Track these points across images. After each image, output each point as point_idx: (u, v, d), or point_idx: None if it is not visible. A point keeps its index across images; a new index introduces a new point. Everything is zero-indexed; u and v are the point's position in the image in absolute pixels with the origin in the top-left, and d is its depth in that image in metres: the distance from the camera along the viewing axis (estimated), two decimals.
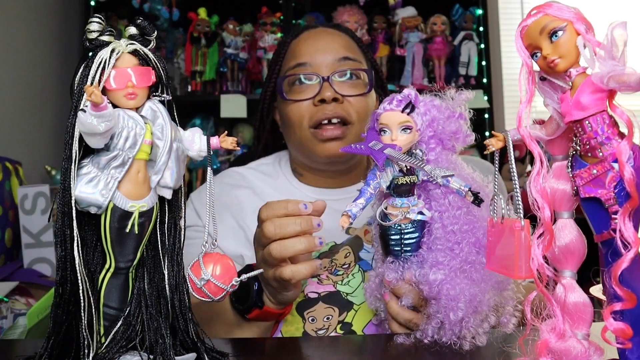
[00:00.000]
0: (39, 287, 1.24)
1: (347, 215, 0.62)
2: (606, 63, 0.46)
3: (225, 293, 0.57)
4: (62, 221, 0.54)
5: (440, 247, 0.66)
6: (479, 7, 2.48)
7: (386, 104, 0.67)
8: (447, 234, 0.66)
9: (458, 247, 0.66)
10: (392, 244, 0.68)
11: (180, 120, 0.60)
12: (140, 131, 0.55)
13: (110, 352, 0.54)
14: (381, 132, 0.66)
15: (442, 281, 0.64)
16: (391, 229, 0.67)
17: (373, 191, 0.65)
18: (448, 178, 0.64)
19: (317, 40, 1.03)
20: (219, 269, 0.56)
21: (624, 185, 0.46)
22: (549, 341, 0.50)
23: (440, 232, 0.66)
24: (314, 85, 1.00)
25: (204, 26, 2.37)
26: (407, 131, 0.65)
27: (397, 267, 0.69)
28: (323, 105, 0.98)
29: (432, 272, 0.65)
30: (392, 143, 0.64)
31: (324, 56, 1.00)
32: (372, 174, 0.66)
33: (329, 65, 1.00)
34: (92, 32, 0.54)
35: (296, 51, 1.03)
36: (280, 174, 1.12)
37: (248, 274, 0.61)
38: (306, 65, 1.00)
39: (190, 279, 0.57)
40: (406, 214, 0.66)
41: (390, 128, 0.65)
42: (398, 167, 0.66)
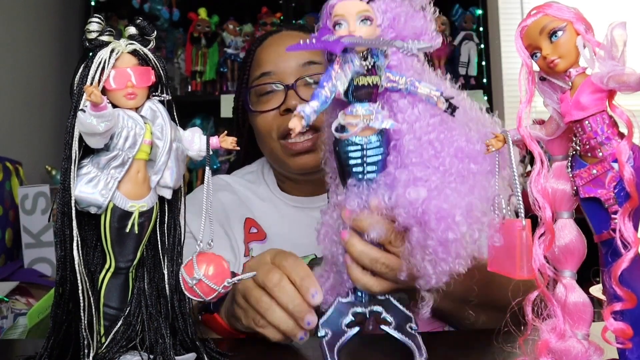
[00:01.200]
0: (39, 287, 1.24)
1: (298, 115, 0.52)
2: (606, 63, 0.46)
3: (216, 294, 0.56)
4: (62, 221, 0.54)
5: (416, 160, 0.55)
6: (479, 7, 2.48)
7: None
8: (421, 145, 0.55)
9: (437, 158, 0.55)
10: (351, 164, 0.56)
11: (180, 120, 0.60)
12: (140, 131, 0.55)
13: (111, 352, 0.55)
14: (335, 26, 0.55)
15: (426, 199, 0.53)
16: (350, 144, 0.55)
17: (328, 93, 0.54)
18: (415, 83, 0.55)
19: (280, 46, 0.99)
20: (212, 269, 0.56)
21: (623, 185, 0.46)
22: (550, 341, 0.50)
23: (414, 143, 0.55)
24: (279, 94, 0.97)
25: (204, 26, 2.37)
26: (366, 22, 0.55)
27: (360, 192, 0.57)
28: (290, 115, 0.88)
29: (410, 190, 0.53)
30: (350, 34, 0.54)
31: (287, 62, 0.96)
32: (326, 75, 0.55)
33: (293, 72, 0.96)
34: (91, 32, 0.54)
35: (260, 60, 1.01)
36: (263, 182, 1.11)
37: (241, 275, 0.60)
38: (270, 75, 0.98)
39: (182, 277, 0.56)
40: (369, 122, 0.55)
41: (347, 19, 0.54)
42: (359, 63, 0.55)
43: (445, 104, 0.55)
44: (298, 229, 0.97)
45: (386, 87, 0.57)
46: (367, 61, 0.55)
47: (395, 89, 0.57)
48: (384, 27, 0.58)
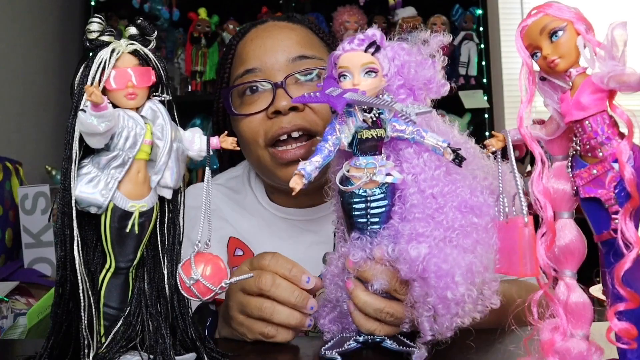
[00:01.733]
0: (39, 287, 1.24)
1: (299, 174, 0.52)
2: (606, 63, 0.46)
3: (213, 294, 0.56)
4: (62, 221, 0.54)
5: (419, 215, 0.54)
6: (479, 7, 2.48)
7: (346, 43, 0.56)
8: (425, 199, 0.55)
9: (440, 213, 0.54)
10: (355, 215, 0.56)
11: (180, 120, 0.60)
12: (140, 131, 0.55)
13: (111, 352, 0.55)
14: (340, 77, 0.56)
15: (427, 255, 0.53)
16: (354, 196, 0.56)
17: (332, 148, 0.55)
18: (422, 133, 0.55)
19: (266, 39, 0.86)
20: (209, 269, 0.56)
21: (624, 185, 0.46)
22: (555, 341, 0.50)
23: (417, 197, 0.55)
24: (266, 95, 0.84)
25: (204, 26, 2.37)
26: (371, 74, 0.55)
27: (364, 244, 0.57)
28: (279, 118, 0.83)
29: (412, 246, 0.53)
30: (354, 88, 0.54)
31: (274, 57, 0.84)
32: (330, 127, 0.56)
33: (282, 68, 0.84)
34: (92, 32, 0.54)
35: (243, 55, 0.87)
36: (249, 191, 0.98)
37: (238, 277, 0.60)
38: (255, 72, 0.85)
39: (180, 277, 0.56)
40: (372, 176, 0.55)
41: (352, 71, 0.55)
42: (362, 117, 0.55)
43: (452, 155, 0.54)
44: (294, 247, 0.84)
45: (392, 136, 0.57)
46: (371, 114, 0.56)
47: (401, 138, 0.57)
48: (391, 74, 0.57)
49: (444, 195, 0.55)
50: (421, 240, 0.53)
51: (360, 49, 0.55)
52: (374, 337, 0.62)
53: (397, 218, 0.56)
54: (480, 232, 0.54)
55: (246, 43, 0.88)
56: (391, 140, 0.57)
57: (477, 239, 0.54)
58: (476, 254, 0.53)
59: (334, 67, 0.57)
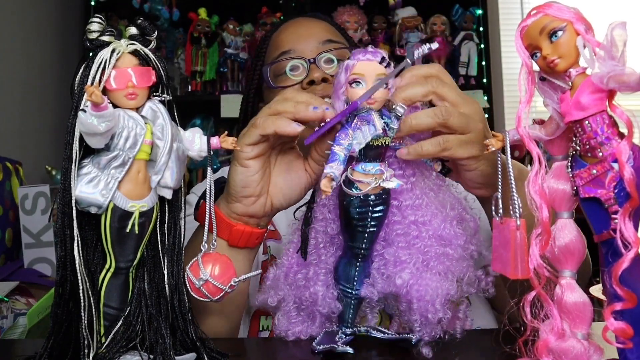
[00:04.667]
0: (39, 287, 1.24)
1: (329, 177, 0.54)
2: (606, 63, 0.46)
3: (223, 293, 0.57)
4: (63, 221, 0.54)
5: (403, 245, 0.61)
6: (479, 7, 2.48)
7: (360, 55, 0.58)
8: (406, 226, 0.61)
9: (419, 240, 0.61)
10: (357, 217, 0.59)
11: (180, 120, 0.60)
12: (140, 131, 0.55)
13: (111, 352, 0.55)
14: (353, 83, 0.58)
15: (410, 281, 0.59)
16: (357, 201, 0.58)
17: (346, 152, 0.56)
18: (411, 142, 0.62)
19: (298, 27, 1.02)
20: (217, 269, 0.56)
21: (623, 185, 0.46)
22: (549, 341, 0.50)
23: (400, 224, 0.61)
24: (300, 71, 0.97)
25: (204, 26, 2.37)
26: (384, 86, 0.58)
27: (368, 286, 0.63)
28: (312, 87, 0.94)
29: (396, 277, 0.60)
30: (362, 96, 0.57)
31: (307, 41, 0.98)
32: (342, 132, 0.57)
33: (314, 49, 0.97)
34: (92, 32, 0.54)
35: (278, 41, 1.01)
36: None
37: (247, 274, 0.60)
38: (290, 52, 0.98)
39: (188, 279, 0.56)
40: (380, 182, 0.57)
41: (366, 79, 0.57)
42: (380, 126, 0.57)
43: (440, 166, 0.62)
44: None
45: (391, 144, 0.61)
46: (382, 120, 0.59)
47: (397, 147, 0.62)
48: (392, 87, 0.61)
49: (423, 223, 0.61)
50: (405, 267, 0.60)
51: (375, 60, 0.58)
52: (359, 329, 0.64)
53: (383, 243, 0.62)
54: (453, 261, 0.61)
55: (280, 33, 1.02)
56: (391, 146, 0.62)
57: (449, 266, 0.61)
58: (451, 280, 0.60)
59: (345, 73, 0.59)
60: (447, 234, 0.61)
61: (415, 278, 0.59)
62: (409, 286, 0.59)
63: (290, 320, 0.66)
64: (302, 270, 0.65)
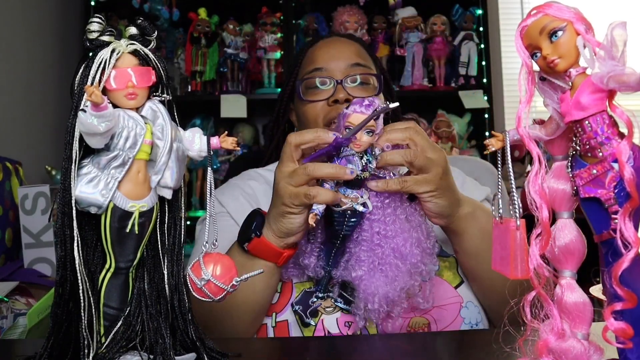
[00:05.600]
0: (39, 287, 1.24)
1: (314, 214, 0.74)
2: (606, 63, 0.46)
3: (225, 293, 0.57)
4: (62, 221, 0.54)
5: (365, 249, 0.79)
6: (479, 7, 2.48)
7: (357, 106, 0.75)
8: (372, 235, 0.79)
9: (379, 248, 0.78)
10: (336, 224, 0.78)
11: (180, 120, 0.60)
12: (140, 131, 0.55)
13: (111, 352, 0.55)
14: (346, 129, 0.75)
15: (361, 276, 0.78)
16: (337, 214, 0.77)
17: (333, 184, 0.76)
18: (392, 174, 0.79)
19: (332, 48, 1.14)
20: (219, 269, 0.56)
21: (623, 185, 0.46)
22: (549, 341, 0.50)
23: (367, 232, 0.79)
24: (328, 89, 1.09)
25: (204, 26, 2.37)
26: (370, 134, 0.74)
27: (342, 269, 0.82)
28: (336, 106, 1.05)
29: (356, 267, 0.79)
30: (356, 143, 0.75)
31: (337, 62, 1.09)
32: None
33: (342, 70, 1.08)
34: (92, 32, 0.54)
35: (313, 57, 1.13)
36: None
37: (249, 274, 0.60)
38: (322, 70, 1.09)
39: (190, 279, 0.57)
40: (354, 204, 0.76)
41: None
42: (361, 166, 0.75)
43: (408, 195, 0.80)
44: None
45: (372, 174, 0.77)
46: (362, 160, 0.75)
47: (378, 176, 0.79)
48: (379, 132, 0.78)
49: (386, 237, 0.78)
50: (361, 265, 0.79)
51: (366, 113, 0.74)
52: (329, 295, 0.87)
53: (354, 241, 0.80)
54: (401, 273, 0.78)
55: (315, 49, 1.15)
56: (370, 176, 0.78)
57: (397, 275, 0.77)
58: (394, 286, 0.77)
59: (343, 120, 0.75)
60: (403, 251, 0.78)
61: (367, 275, 0.78)
62: (359, 279, 0.78)
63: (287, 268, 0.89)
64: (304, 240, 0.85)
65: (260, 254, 0.83)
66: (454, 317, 0.89)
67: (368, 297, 0.77)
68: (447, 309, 0.89)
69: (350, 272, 0.79)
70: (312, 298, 0.86)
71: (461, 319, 0.90)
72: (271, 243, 0.82)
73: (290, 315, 0.88)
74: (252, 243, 0.83)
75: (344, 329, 0.87)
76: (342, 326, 0.87)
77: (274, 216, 0.81)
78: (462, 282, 0.94)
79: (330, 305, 0.88)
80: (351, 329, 0.87)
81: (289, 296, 0.91)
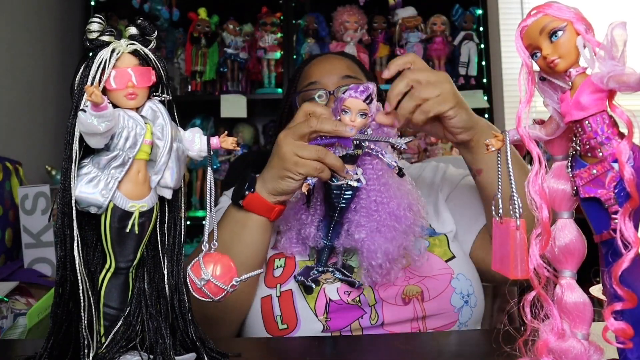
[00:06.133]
0: (39, 287, 1.24)
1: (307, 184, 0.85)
2: (606, 63, 0.46)
3: (225, 293, 0.57)
4: (62, 221, 0.54)
5: (364, 214, 0.88)
6: (479, 7, 2.48)
7: (352, 91, 0.83)
8: (369, 202, 0.88)
9: (376, 213, 0.88)
10: (333, 197, 0.88)
11: (180, 120, 0.60)
12: (140, 131, 0.55)
13: (111, 352, 0.55)
14: (343, 111, 0.84)
15: (364, 239, 0.88)
16: (336, 187, 0.87)
17: None
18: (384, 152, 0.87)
19: (325, 64, 1.24)
20: (219, 269, 0.56)
21: (623, 185, 0.46)
22: (549, 341, 0.50)
23: (365, 201, 0.89)
24: (322, 100, 1.16)
25: (204, 26, 2.37)
26: (363, 116, 0.84)
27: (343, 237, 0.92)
28: None
29: (357, 231, 0.88)
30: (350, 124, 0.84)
31: (330, 76, 1.18)
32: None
33: (335, 82, 1.16)
34: (92, 32, 0.54)
35: (308, 73, 1.23)
36: None
37: (248, 274, 0.60)
38: (316, 84, 1.18)
39: (190, 279, 0.57)
40: (349, 180, 0.86)
41: (352, 111, 0.84)
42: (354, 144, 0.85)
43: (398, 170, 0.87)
44: None
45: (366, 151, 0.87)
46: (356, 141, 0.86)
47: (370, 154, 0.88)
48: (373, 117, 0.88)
49: (382, 203, 0.89)
50: (362, 229, 0.88)
51: (360, 98, 0.83)
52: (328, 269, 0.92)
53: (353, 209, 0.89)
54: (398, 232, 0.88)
55: (310, 66, 1.25)
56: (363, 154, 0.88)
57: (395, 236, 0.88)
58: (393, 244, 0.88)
59: (340, 103, 0.84)
60: (398, 214, 0.89)
61: (369, 237, 0.88)
62: (362, 241, 0.88)
63: (291, 243, 0.96)
64: (305, 213, 0.94)
65: (254, 209, 0.92)
66: (445, 287, 0.95)
67: (371, 254, 0.87)
68: (438, 278, 0.96)
69: (353, 236, 0.88)
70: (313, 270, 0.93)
71: (452, 289, 0.96)
72: (264, 198, 0.91)
73: (294, 284, 0.95)
74: (246, 199, 0.91)
75: (344, 296, 0.93)
76: (342, 294, 0.93)
77: (272, 177, 0.90)
78: (453, 258, 1.00)
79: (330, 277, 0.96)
80: (350, 296, 0.93)
81: (292, 271, 0.98)
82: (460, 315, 0.95)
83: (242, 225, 0.93)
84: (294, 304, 0.94)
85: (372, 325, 0.92)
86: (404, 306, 0.94)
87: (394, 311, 0.93)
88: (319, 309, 0.93)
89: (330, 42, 2.45)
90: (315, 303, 0.93)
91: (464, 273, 0.99)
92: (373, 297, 0.93)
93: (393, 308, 0.93)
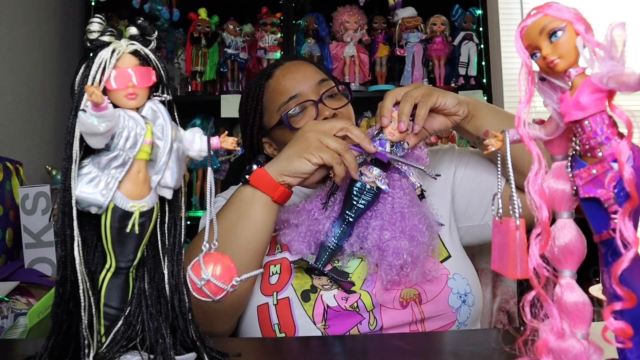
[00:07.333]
0: (39, 287, 1.24)
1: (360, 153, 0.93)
2: (605, 63, 0.46)
3: (225, 293, 0.57)
4: (63, 221, 0.54)
5: (387, 219, 0.93)
6: (479, 8, 2.47)
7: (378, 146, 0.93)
8: (394, 212, 0.93)
9: (399, 223, 0.93)
10: (354, 196, 0.92)
11: (180, 120, 0.60)
12: (140, 131, 0.55)
13: (111, 352, 0.55)
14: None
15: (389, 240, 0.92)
16: (359, 184, 0.91)
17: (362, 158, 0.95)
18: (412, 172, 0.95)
19: (296, 73, 1.21)
20: (219, 269, 0.56)
21: (623, 185, 0.46)
22: (549, 341, 0.50)
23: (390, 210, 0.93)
24: (309, 111, 1.16)
25: (204, 26, 2.37)
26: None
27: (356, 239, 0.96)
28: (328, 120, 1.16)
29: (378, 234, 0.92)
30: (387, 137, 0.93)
31: (305, 85, 1.17)
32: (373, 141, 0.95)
33: (313, 89, 1.17)
34: (92, 32, 0.54)
35: (281, 88, 1.20)
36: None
37: (248, 274, 0.60)
38: (298, 97, 1.16)
39: (190, 279, 0.57)
40: (376, 180, 0.91)
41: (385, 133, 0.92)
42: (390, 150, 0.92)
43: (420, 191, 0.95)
44: None
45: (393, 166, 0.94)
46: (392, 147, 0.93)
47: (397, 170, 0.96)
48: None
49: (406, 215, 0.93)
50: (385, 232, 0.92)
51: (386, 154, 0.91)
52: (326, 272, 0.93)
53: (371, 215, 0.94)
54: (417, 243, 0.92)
55: (279, 79, 1.21)
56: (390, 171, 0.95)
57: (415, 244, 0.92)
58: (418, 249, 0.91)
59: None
60: (420, 228, 0.93)
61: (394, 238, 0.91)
62: (387, 242, 0.91)
63: (299, 240, 0.96)
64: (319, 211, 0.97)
65: (259, 185, 0.93)
66: (441, 288, 0.96)
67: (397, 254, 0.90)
68: (434, 280, 0.97)
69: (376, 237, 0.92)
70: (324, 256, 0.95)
71: (449, 289, 0.97)
72: (269, 174, 0.92)
73: (291, 292, 0.96)
74: (253, 173, 0.93)
75: (342, 302, 0.94)
76: (340, 300, 0.94)
77: (287, 156, 0.92)
78: (448, 257, 1.02)
79: (327, 282, 0.97)
80: (348, 302, 0.94)
81: (288, 277, 0.99)
82: (459, 315, 0.95)
83: (248, 203, 0.94)
84: (292, 311, 0.94)
85: (371, 331, 0.92)
86: (402, 310, 0.94)
87: (393, 315, 0.93)
88: (317, 316, 0.93)
89: (330, 42, 2.45)
90: (313, 310, 0.93)
91: (460, 272, 1.00)
92: (371, 302, 0.94)
93: (391, 312, 0.93)
